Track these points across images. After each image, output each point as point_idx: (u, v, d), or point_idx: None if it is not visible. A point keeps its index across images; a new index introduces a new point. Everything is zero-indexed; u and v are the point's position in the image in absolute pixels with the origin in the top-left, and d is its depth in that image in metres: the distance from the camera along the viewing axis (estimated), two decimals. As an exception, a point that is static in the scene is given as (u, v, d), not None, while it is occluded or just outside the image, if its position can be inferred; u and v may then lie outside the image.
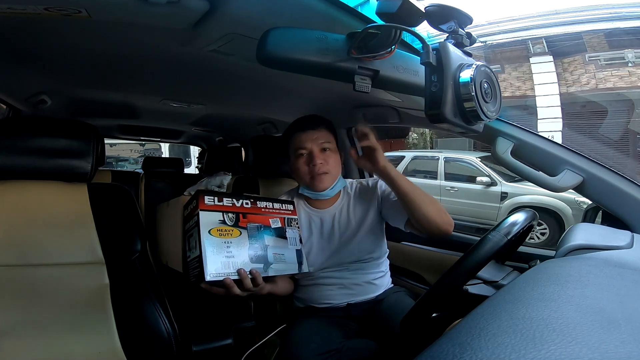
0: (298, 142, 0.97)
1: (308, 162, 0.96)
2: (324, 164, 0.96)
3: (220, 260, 0.76)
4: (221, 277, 0.74)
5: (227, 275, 0.75)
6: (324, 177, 0.96)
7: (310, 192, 0.99)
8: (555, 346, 0.25)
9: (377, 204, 1.00)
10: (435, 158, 5.68)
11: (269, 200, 0.91)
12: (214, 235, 0.77)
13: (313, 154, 0.95)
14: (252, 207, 0.87)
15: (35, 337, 0.73)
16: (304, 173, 0.97)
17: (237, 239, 0.80)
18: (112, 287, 0.83)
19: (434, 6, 0.50)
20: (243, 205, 0.86)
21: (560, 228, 4.07)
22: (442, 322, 0.64)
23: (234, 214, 0.83)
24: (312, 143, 0.96)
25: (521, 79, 7.46)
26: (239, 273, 0.76)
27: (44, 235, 0.81)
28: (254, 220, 0.85)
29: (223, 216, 0.81)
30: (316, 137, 0.96)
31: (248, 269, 0.78)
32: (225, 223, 0.80)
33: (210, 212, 0.79)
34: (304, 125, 0.99)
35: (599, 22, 6.45)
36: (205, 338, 0.89)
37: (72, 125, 0.87)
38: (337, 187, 1.00)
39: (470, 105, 0.49)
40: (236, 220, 0.82)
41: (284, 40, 0.48)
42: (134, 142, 7.61)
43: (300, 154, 0.97)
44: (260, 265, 0.81)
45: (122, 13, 0.67)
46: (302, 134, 0.97)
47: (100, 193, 0.90)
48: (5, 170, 0.81)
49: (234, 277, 0.76)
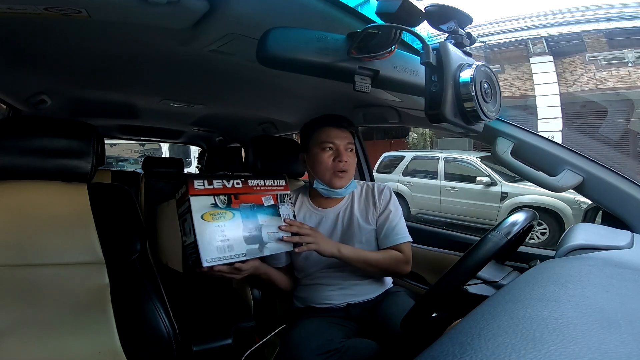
0: (326, 136, 0.98)
1: (334, 158, 0.97)
2: (347, 162, 0.97)
3: (215, 245, 0.77)
4: (218, 262, 0.76)
5: (224, 258, 0.77)
6: (345, 175, 0.98)
7: (325, 188, 0.99)
8: (555, 346, 0.25)
9: (377, 211, 1.01)
10: (435, 158, 5.68)
11: (260, 178, 0.91)
12: (207, 220, 0.77)
13: (340, 151, 0.97)
14: (243, 186, 0.87)
15: (35, 337, 0.73)
16: (326, 167, 0.97)
17: (230, 221, 0.80)
18: (112, 287, 0.83)
19: (434, 6, 0.50)
20: (234, 186, 0.85)
21: (560, 228, 4.07)
22: (442, 322, 0.64)
23: (225, 196, 0.82)
24: (341, 140, 0.98)
25: (521, 79, 7.47)
26: (233, 264, 0.78)
27: (44, 235, 0.81)
28: (246, 200, 0.85)
29: (215, 199, 0.81)
30: (345, 136, 0.99)
31: (243, 251, 0.79)
32: (217, 206, 0.80)
33: (201, 196, 0.79)
34: (335, 121, 1.00)
35: (599, 22, 6.45)
36: (205, 338, 0.89)
37: (72, 125, 0.87)
38: (350, 187, 1.01)
39: (470, 105, 0.49)
40: (228, 202, 0.82)
41: (284, 40, 0.48)
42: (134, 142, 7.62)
43: (326, 147, 0.98)
44: (255, 246, 0.82)
45: (122, 13, 0.67)
46: (332, 129, 0.98)
47: (100, 193, 0.90)
48: (5, 170, 0.81)
49: (230, 260, 0.78)
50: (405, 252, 0.98)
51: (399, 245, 0.98)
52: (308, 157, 1.02)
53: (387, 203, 1.01)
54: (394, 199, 1.03)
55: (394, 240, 0.98)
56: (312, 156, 1.00)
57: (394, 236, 0.98)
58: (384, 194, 1.03)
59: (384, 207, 1.01)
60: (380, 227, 1.00)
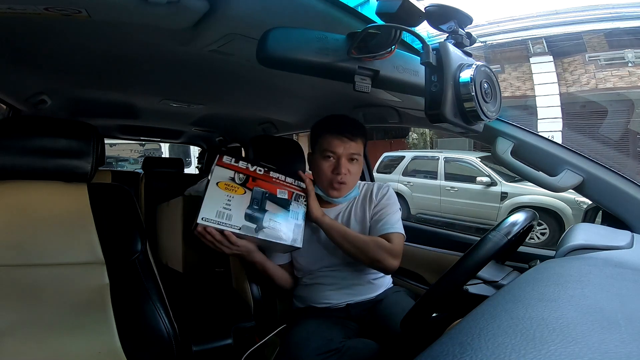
0: (328, 144, 0.95)
1: (332, 169, 0.95)
2: (347, 174, 0.95)
3: (217, 209, 0.84)
4: (212, 224, 0.82)
5: (218, 223, 0.83)
6: (342, 187, 0.96)
7: (323, 194, 0.99)
8: (555, 346, 0.25)
9: (373, 205, 1.01)
10: (435, 158, 5.68)
11: (284, 174, 0.97)
12: (220, 188, 0.87)
13: (340, 163, 0.94)
14: (264, 174, 0.94)
15: (35, 337, 0.73)
16: (324, 176, 0.97)
17: (240, 196, 0.88)
18: (112, 287, 0.83)
19: (434, 6, 0.50)
20: (256, 171, 0.93)
21: (560, 228, 4.07)
22: (442, 322, 0.64)
23: (245, 175, 0.91)
24: (344, 150, 0.95)
25: (521, 79, 7.46)
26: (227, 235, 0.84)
27: (44, 235, 0.81)
28: (261, 186, 0.92)
29: (234, 175, 0.90)
30: (349, 146, 0.95)
31: (240, 224, 0.85)
32: (234, 181, 0.89)
33: (225, 169, 0.90)
34: (341, 129, 0.96)
35: (599, 22, 6.45)
36: (205, 338, 0.89)
37: (72, 125, 0.87)
38: (349, 196, 1.01)
39: (470, 105, 0.49)
40: (245, 181, 0.90)
41: (284, 41, 0.48)
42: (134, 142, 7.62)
43: (327, 156, 0.96)
44: (252, 225, 0.87)
45: (122, 13, 0.67)
46: (335, 139, 0.95)
47: (100, 193, 0.90)
48: (5, 170, 0.81)
49: (224, 227, 0.83)
50: (394, 242, 0.92)
51: (388, 235, 0.93)
52: (312, 160, 1.02)
53: (382, 196, 1.01)
54: (390, 194, 1.03)
55: (382, 229, 0.94)
56: (314, 160, 1.00)
57: (382, 225, 0.95)
58: (382, 189, 1.03)
59: (379, 200, 1.01)
60: (373, 218, 0.99)
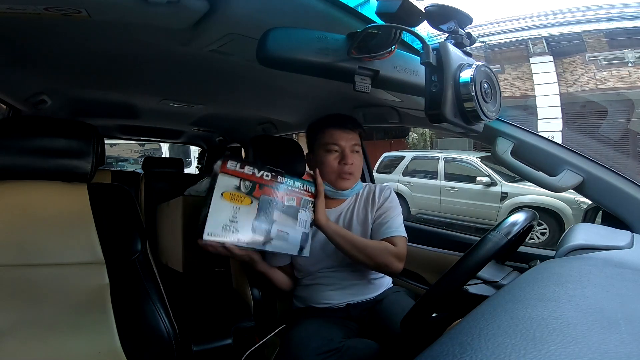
0: (330, 138, 0.98)
1: (339, 160, 0.97)
2: (353, 164, 0.97)
3: (223, 222, 0.79)
4: (218, 239, 0.78)
5: (224, 239, 0.79)
6: (350, 177, 0.98)
7: (331, 190, 0.99)
8: (555, 346, 0.25)
9: (375, 208, 1.01)
10: (435, 158, 5.68)
11: (292, 178, 0.91)
12: (225, 199, 0.81)
13: (345, 153, 0.97)
14: (271, 179, 0.88)
15: (35, 337, 0.73)
16: (331, 169, 0.97)
17: (246, 207, 0.83)
18: (112, 287, 0.83)
19: (434, 6, 0.50)
20: (263, 177, 0.87)
21: (560, 228, 4.07)
22: (442, 322, 0.64)
23: (251, 182, 0.84)
24: (346, 142, 0.97)
25: (521, 79, 7.46)
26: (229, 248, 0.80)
27: (44, 235, 0.81)
28: (268, 194, 0.86)
29: (240, 183, 0.83)
30: (351, 137, 0.98)
31: (247, 239, 0.81)
32: (240, 190, 0.83)
33: (230, 176, 0.82)
34: (341, 123, 0.99)
35: (599, 22, 6.45)
36: (205, 338, 0.89)
37: (72, 125, 0.87)
38: (355, 188, 1.01)
39: (470, 105, 0.49)
40: (251, 189, 0.84)
41: (284, 40, 0.48)
42: (134, 142, 7.62)
43: (331, 149, 0.98)
44: (260, 238, 0.83)
45: (122, 13, 0.67)
46: (337, 131, 0.98)
47: (100, 193, 0.90)
48: (5, 170, 0.81)
49: (230, 242, 0.80)
50: (399, 246, 0.94)
51: (392, 238, 0.95)
52: (314, 158, 1.02)
53: (385, 199, 1.01)
54: (393, 196, 1.03)
55: (386, 233, 0.96)
56: (317, 158, 1.00)
57: (387, 229, 0.97)
58: (384, 192, 1.03)
59: (382, 203, 1.01)
60: (376, 221, 1.00)
